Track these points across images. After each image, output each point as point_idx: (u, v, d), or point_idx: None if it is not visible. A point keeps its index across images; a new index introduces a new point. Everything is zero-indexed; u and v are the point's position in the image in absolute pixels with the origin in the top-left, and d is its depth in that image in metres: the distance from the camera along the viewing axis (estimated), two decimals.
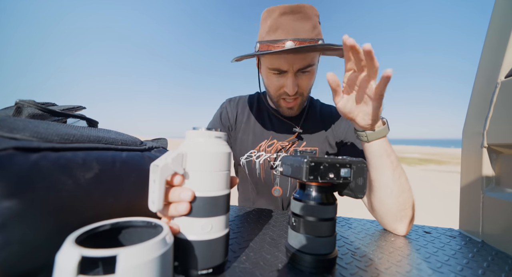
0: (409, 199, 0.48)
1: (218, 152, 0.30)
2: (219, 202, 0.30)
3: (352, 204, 3.96)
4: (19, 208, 0.22)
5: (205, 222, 0.28)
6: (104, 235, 0.25)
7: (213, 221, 0.29)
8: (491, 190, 0.47)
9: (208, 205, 0.29)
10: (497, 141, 0.46)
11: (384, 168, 0.47)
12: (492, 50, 0.50)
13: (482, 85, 0.51)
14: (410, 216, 0.48)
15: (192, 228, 0.28)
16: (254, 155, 0.74)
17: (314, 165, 0.31)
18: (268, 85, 0.68)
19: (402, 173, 0.47)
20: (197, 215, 0.28)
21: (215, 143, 0.30)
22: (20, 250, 0.23)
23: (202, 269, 0.29)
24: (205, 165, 0.29)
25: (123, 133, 0.42)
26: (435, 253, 0.40)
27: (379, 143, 0.47)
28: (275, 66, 0.61)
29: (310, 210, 0.33)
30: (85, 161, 0.29)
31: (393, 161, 0.47)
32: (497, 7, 0.50)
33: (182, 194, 0.28)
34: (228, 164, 0.31)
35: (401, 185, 0.47)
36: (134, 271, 0.19)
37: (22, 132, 0.26)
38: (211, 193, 0.29)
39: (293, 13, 0.58)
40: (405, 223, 0.48)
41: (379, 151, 0.47)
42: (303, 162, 0.30)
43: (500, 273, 0.35)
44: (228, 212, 0.31)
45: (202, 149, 0.29)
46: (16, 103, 0.36)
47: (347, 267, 0.34)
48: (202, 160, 0.29)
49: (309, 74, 0.63)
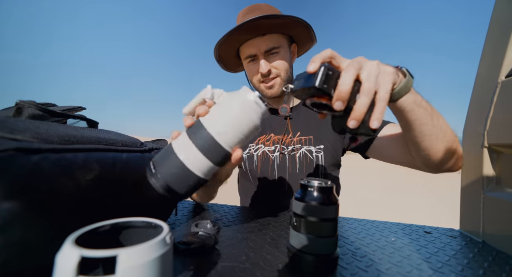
0: (452, 135, 0.48)
1: (249, 118, 0.32)
2: (216, 150, 0.31)
3: (352, 204, 3.96)
4: (19, 209, 0.23)
5: (190, 150, 0.31)
6: (104, 236, 0.25)
7: (196, 154, 0.31)
8: (491, 190, 0.47)
9: (207, 143, 0.31)
10: (497, 141, 0.46)
11: (422, 119, 0.43)
12: (493, 49, 0.50)
13: (483, 85, 0.51)
14: (458, 150, 0.49)
15: (181, 144, 0.31)
16: (252, 148, 0.77)
17: (332, 73, 0.30)
18: (249, 75, 0.75)
19: (437, 114, 0.46)
20: (193, 138, 0.31)
21: (254, 109, 0.32)
22: (20, 251, 0.23)
23: (160, 174, 0.31)
24: (232, 116, 0.31)
25: (123, 134, 0.42)
26: (436, 253, 0.40)
27: (406, 98, 0.39)
28: (246, 53, 0.71)
29: (311, 210, 0.33)
30: (85, 162, 0.29)
31: (427, 107, 0.43)
32: (498, 7, 0.50)
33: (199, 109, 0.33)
34: (248, 133, 0.32)
35: (442, 127, 0.46)
36: (134, 272, 0.19)
37: (23, 133, 0.26)
38: (215, 135, 0.31)
39: (251, 11, 0.69)
40: (455, 158, 0.49)
41: (410, 105, 0.41)
42: (322, 68, 0.30)
43: (500, 273, 0.35)
44: (217, 166, 0.32)
45: (239, 104, 0.31)
46: (16, 103, 0.36)
47: (347, 268, 0.34)
48: (232, 112, 0.31)
49: (278, 55, 0.69)
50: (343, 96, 0.30)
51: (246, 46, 0.70)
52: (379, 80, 0.32)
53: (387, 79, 0.32)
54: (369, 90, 0.30)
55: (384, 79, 0.32)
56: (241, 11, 0.73)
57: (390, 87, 0.32)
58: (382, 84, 0.32)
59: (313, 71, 0.30)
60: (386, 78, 0.32)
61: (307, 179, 0.35)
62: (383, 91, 0.31)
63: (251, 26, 0.63)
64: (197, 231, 0.44)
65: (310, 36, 0.73)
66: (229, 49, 0.74)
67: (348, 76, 0.30)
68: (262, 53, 0.68)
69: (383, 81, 0.32)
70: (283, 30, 0.69)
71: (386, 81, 0.32)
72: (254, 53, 0.69)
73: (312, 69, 0.30)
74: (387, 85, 0.32)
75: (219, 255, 0.37)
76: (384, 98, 0.31)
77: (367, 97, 0.30)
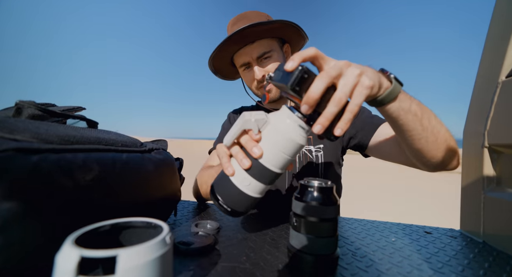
0: (446, 133, 0.46)
1: (293, 139, 0.33)
2: (268, 175, 0.34)
3: (352, 204, 3.96)
4: (19, 209, 0.23)
5: (247, 178, 0.34)
6: (104, 236, 0.25)
7: (254, 182, 0.34)
8: (492, 190, 0.47)
9: (260, 172, 0.34)
10: (498, 141, 0.46)
11: (409, 125, 0.42)
12: (493, 49, 0.50)
13: (483, 85, 0.51)
14: (455, 148, 0.48)
15: (238, 175, 0.35)
16: None
17: (308, 77, 0.30)
18: (246, 82, 0.76)
19: (429, 115, 0.43)
20: (248, 172, 0.34)
21: (296, 130, 0.33)
22: (20, 251, 0.23)
23: (224, 204, 0.36)
24: (278, 143, 0.33)
25: (123, 134, 0.42)
26: (436, 253, 0.40)
27: (392, 105, 0.39)
28: (240, 62, 0.72)
29: (311, 210, 0.33)
30: (85, 163, 0.29)
31: (416, 112, 0.41)
32: (498, 7, 0.50)
33: (254, 148, 0.33)
34: (294, 153, 0.34)
35: (433, 130, 0.44)
36: (134, 272, 0.19)
37: (23, 133, 0.26)
38: (268, 165, 0.34)
39: (239, 20, 0.71)
40: (452, 156, 0.48)
41: (396, 112, 0.40)
42: (299, 69, 0.30)
43: (501, 273, 0.35)
44: (268, 185, 0.36)
45: (283, 129, 0.33)
46: (16, 103, 0.36)
47: (347, 268, 0.34)
48: (277, 138, 0.33)
49: (271, 59, 0.70)
50: (310, 102, 0.29)
51: (238, 55, 0.72)
52: (354, 92, 0.31)
53: (362, 92, 0.31)
54: (339, 100, 0.30)
55: (358, 92, 0.31)
56: (230, 22, 0.74)
57: (361, 100, 0.31)
58: (355, 96, 0.31)
59: (290, 70, 0.30)
60: (362, 91, 0.31)
61: (307, 179, 0.35)
62: (353, 103, 0.31)
63: (239, 36, 0.64)
64: (197, 231, 0.43)
65: (300, 35, 0.73)
66: (223, 60, 0.76)
67: (320, 83, 0.29)
68: (255, 60, 0.70)
69: (356, 94, 0.31)
70: (272, 34, 0.70)
71: (360, 94, 0.31)
72: (248, 61, 0.71)
73: (289, 68, 0.30)
74: (359, 98, 0.31)
75: (219, 255, 0.37)
76: (353, 110, 0.31)
77: (336, 107, 0.30)
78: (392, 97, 0.37)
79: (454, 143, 0.48)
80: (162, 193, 0.44)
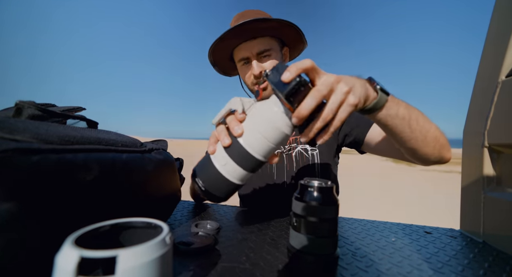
0: (435, 131, 0.48)
1: (277, 127, 0.33)
2: (246, 158, 0.34)
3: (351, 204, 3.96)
4: (19, 209, 0.23)
5: (224, 157, 0.34)
6: (104, 236, 0.25)
7: (231, 163, 0.34)
8: (492, 190, 0.47)
9: (239, 153, 0.34)
10: (498, 140, 0.46)
11: (397, 128, 0.45)
12: (493, 49, 0.50)
13: (483, 84, 0.51)
14: (445, 143, 0.51)
15: (218, 154, 0.35)
16: None
17: (303, 90, 0.31)
18: (243, 77, 0.76)
19: (417, 117, 0.45)
20: (229, 153, 0.34)
21: (283, 119, 0.33)
22: (20, 251, 0.23)
23: (199, 181, 0.36)
24: (260, 126, 0.33)
25: (123, 134, 0.42)
26: (436, 253, 0.40)
27: (381, 112, 0.42)
28: (239, 57, 0.73)
29: (311, 210, 0.33)
30: (85, 163, 0.29)
31: (404, 116, 0.44)
32: (498, 6, 0.50)
33: (235, 127, 0.34)
34: (277, 141, 0.34)
35: (421, 130, 0.46)
36: (134, 272, 0.19)
37: (23, 134, 0.26)
38: (247, 147, 0.33)
39: (241, 17, 0.71)
40: (443, 150, 0.50)
41: (383, 119, 0.43)
42: (296, 81, 0.30)
43: (501, 273, 0.35)
44: (248, 172, 0.35)
45: (268, 114, 0.34)
46: (16, 104, 0.36)
47: (347, 268, 0.34)
48: (261, 122, 0.34)
49: (270, 57, 0.71)
50: (300, 117, 0.31)
51: (238, 50, 0.73)
52: (339, 109, 0.34)
53: (347, 109, 0.34)
54: (326, 117, 0.33)
55: (343, 109, 0.34)
56: (233, 19, 0.75)
57: (345, 116, 0.34)
58: (340, 113, 0.34)
59: (287, 81, 0.31)
60: (346, 109, 0.34)
61: (307, 179, 0.35)
62: (337, 119, 0.34)
63: (241, 30, 0.65)
64: (197, 232, 0.44)
65: (300, 39, 0.75)
66: (223, 54, 0.76)
67: (311, 101, 0.31)
68: (255, 55, 0.70)
69: (341, 111, 0.34)
70: (273, 32, 0.71)
71: (344, 111, 0.34)
72: (247, 56, 0.72)
73: (286, 79, 0.31)
74: (343, 114, 0.34)
75: (219, 255, 0.37)
76: (336, 125, 0.34)
77: (323, 123, 0.33)
78: (378, 106, 0.40)
79: (443, 139, 0.51)
80: (162, 193, 0.44)
